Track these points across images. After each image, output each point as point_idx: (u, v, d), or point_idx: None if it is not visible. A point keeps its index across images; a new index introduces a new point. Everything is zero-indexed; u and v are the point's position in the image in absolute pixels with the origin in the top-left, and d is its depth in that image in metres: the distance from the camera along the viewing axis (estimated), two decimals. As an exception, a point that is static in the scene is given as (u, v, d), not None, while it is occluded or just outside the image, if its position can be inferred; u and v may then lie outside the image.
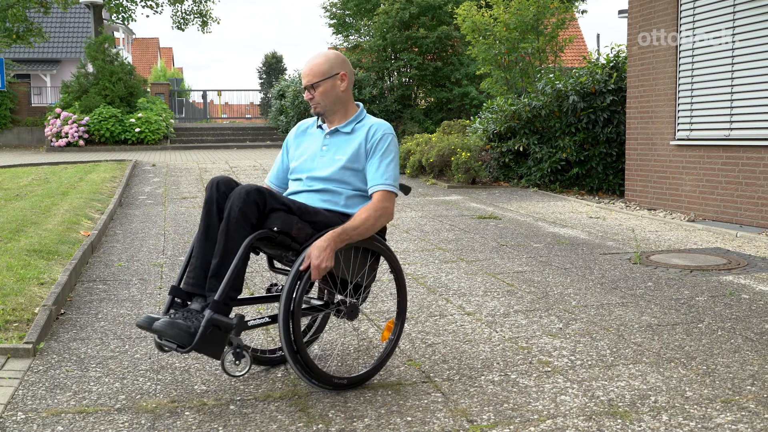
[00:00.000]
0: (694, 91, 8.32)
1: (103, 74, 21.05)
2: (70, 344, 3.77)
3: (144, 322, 2.82)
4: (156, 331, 2.77)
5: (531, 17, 13.37)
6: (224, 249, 2.90)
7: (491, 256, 6.07)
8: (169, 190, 10.91)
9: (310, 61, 3.20)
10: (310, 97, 3.19)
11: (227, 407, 2.96)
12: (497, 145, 11.52)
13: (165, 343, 2.87)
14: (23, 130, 23.70)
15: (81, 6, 30.09)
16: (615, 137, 10.76)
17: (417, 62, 21.99)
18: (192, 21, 26.48)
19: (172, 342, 2.81)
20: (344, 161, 3.17)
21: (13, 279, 4.67)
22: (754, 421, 2.79)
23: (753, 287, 4.96)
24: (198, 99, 32.69)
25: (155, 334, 2.85)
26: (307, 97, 3.20)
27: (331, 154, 3.20)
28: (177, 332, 2.74)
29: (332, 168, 3.18)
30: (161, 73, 42.55)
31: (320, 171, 3.19)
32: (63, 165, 14.86)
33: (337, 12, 24.46)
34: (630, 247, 6.45)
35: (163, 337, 2.84)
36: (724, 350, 3.63)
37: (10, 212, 7.58)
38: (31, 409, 2.94)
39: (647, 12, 9.03)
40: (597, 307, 4.47)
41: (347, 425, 2.77)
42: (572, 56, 29.74)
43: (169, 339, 2.79)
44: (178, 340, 2.75)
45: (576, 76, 11.21)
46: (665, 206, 8.81)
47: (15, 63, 26.82)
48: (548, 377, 3.26)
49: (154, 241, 6.86)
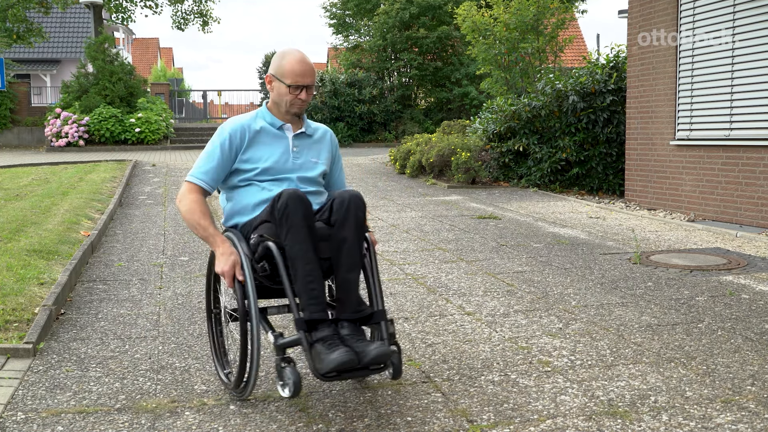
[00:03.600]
0: (694, 91, 8.32)
1: (103, 74, 21.05)
2: (70, 344, 3.77)
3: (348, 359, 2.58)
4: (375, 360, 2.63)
5: (531, 17, 13.37)
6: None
7: (491, 256, 6.07)
8: (169, 190, 10.91)
9: (305, 61, 3.10)
10: (302, 97, 3.10)
11: (227, 407, 2.96)
12: (497, 145, 11.52)
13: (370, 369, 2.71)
14: (23, 130, 23.69)
15: (81, 6, 30.06)
16: (615, 137, 10.76)
17: (417, 62, 21.99)
18: (192, 21, 26.49)
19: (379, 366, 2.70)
20: (322, 164, 3.24)
21: (13, 279, 4.67)
22: (754, 421, 2.78)
23: (753, 287, 4.96)
24: (198, 99, 32.70)
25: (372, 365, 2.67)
26: (300, 97, 3.08)
27: (306, 156, 3.19)
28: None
29: (316, 170, 3.21)
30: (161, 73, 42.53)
31: (307, 172, 3.18)
32: (63, 165, 14.86)
33: (337, 12, 24.46)
34: (630, 247, 6.45)
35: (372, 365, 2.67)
36: (724, 350, 3.63)
37: (10, 212, 7.57)
38: (31, 409, 2.94)
39: (647, 12, 9.03)
40: (597, 307, 4.47)
41: (347, 425, 2.77)
42: (572, 56, 29.74)
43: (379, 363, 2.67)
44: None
45: (576, 76, 11.21)
46: (665, 206, 8.80)
47: (15, 63, 26.81)
48: (548, 377, 3.26)
49: (154, 241, 6.86)
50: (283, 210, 2.78)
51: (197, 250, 6.40)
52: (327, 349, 2.61)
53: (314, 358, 2.62)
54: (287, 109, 3.13)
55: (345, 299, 2.84)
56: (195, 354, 3.62)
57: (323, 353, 2.60)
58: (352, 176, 12.86)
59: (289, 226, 2.77)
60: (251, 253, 2.92)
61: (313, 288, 2.75)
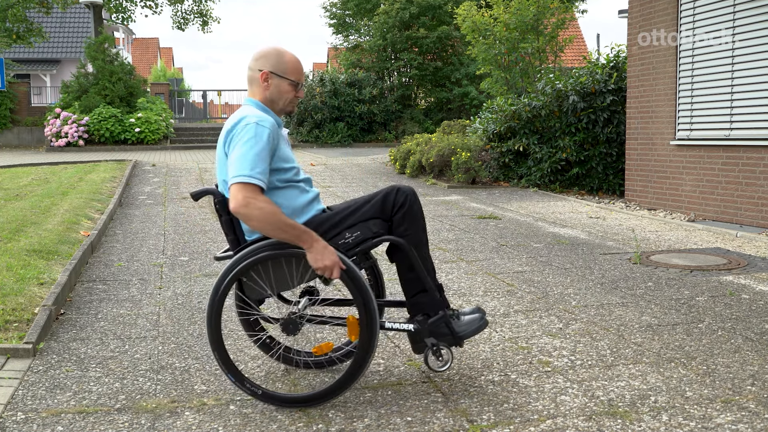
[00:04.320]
0: (694, 91, 8.32)
1: (103, 74, 21.05)
2: (70, 344, 3.77)
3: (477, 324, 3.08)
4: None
5: (531, 17, 13.38)
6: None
7: (491, 256, 6.07)
8: (169, 190, 10.91)
9: (300, 60, 3.11)
10: (300, 95, 3.11)
11: (227, 407, 2.96)
12: (497, 145, 11.52)
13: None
14: (23, 130, 23.70)
15: (81, 6, 30.10)
16: (615, 137, 10.76)
17: (417, 62, 21.99)
18: (192, 21, 26.50)
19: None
20: None
21: (13, 279, 4.67)
22: (754, 421, 2.78)
23: (753, 287, 4.96)
24: (198, 99, 32.70)
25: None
26: (299, 95, 3.07)
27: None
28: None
29: None
30: (161, 73, 42.55)
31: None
32: (63, 165, 14.86)
33: (337, 12, 24.47)
34: (630, 247, 6.44)
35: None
36: (724, 350, 3.63)
37: (10, 212, 7.57)
38: (31, 409, 2.94)
39: (647, 12, 9.03)
40: (597, 307, 4.47)
41: (347, 425, 2.77)
42: (572, 56, 29.76)
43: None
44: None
45: (576, 76, 11.21)
46: (665, 206, 8.80)
47: (15, 63, 26.83)
48: (548, 377, 3.26)
49: (154, 241, 6.86)
50: (409, 204, 3.02)
51: (197, 250, 6.40)
52: (470, 317, 3.07)
53: (460, 326, 3.03)
54: (284, 107, 3.05)
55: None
56: (195, 354, 3.62)
57: (467, 322, 3.05)
58: (352, 176, 12.87)
59: (412, 219, 3.02)
60: (344, 250, 2.96)
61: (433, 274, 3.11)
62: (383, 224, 3.00)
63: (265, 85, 3.02)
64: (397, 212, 2.99)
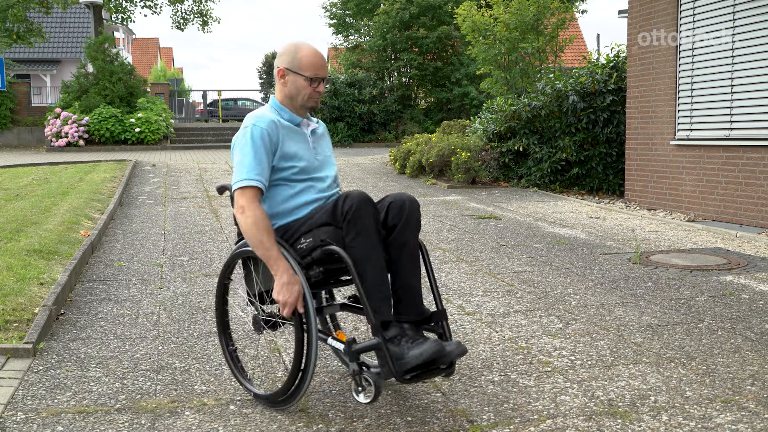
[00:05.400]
0: (694, 91, 8.32)
1: (103, 74, 21.06)
2: (70, 344, 3.77)
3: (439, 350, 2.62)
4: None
5: (531, 17, 13.37)
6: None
7: (491, 256, 6.07)
8: (169, 190, 10.92)
9: (320, 53, 3.01)
10: (320, 90, 2.98)
11: (227, 407, 2.96)
12: (497, 145, 11.52)
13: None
14: (23, 130, 23.70)
15: (81, 6, 30.08)
16: (615, 137, 10.76)
17: (417, 62, 22.00)
18: (192, 21, 26.51)
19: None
20: (333, 160, 3.17)
21: (13, 279, 4.67)
22: (754, 421, 2.78)
23: (753, 287, 4.96)
24: (198, 99, 32.70)
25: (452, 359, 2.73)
26: (318, 90, 2.97)
27: (322, 153, 3.09)
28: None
29: (335, 167, 3.15)
30: (161, 73, 42.56)
31: (332, 170, 3.10)
32: (63, 165, 14.86)
33: (337, 12, 24.47)
34: (630, 247, 6.45)
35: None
36: (724, 350, 3.63)
37: (10, 212, 7.58)
38: (31, 409, 2.94)
39: (647, 12, 9.03)
40: (597, 307, 4.47)
41: (347, 425, 2.77)
42: (572, 56, 29.75)
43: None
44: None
45: (576, 76, 11.21)
46: (665, 206, 8.80)
47: (15, 63, 26.83)
48: (548, 377, 3.26)
49: (154, 241, 6.86)
50: (354, 213, 2.70)
51: (197, 250, 6.40)
52: (410, 344, 2.61)
53: (393, 357, 2.59)
54: (303, 103, 2.99)
55: (409, 302, 2.85)
56: (195, 354, 3.62)
57: (405, 349, 2.59)
58: (352, 176, 12.86)
59: (358, 230, 2.70)
60: (300, 256, 2.82)
61: (384, 291, 2.73)
62: (335, 231, 2.77)
63: (283, 82, 2.99)
64: (343, 220, 2.73)
